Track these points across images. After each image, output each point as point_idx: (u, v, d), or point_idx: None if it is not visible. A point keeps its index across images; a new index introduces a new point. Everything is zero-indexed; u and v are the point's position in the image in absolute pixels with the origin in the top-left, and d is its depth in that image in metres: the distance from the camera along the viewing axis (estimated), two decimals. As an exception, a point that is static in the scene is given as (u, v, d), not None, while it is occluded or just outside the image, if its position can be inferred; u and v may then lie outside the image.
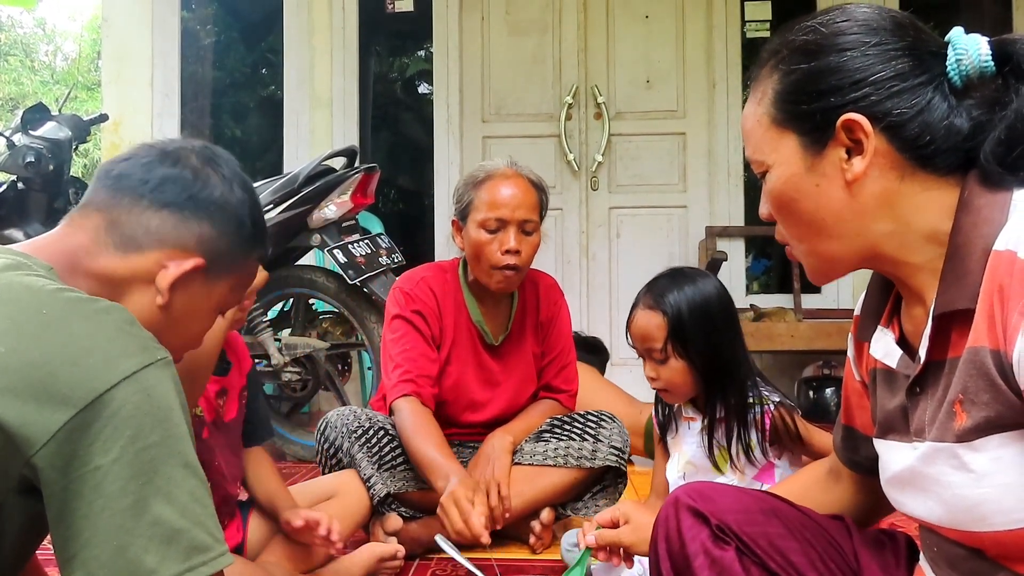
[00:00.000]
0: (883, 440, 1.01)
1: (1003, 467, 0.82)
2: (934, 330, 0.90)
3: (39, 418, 0.78)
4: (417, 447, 1.93)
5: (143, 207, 0.99)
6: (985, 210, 0.86)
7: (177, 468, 0.83)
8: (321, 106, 4.47)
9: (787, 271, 4.31)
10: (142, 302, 1.00)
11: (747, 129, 1.00)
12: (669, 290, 1.64)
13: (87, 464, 0.79)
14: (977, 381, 0.82)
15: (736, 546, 1.05)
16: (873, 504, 1.16)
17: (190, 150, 1.05)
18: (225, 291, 1.07)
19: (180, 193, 1.01)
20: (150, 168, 1.01)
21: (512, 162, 2.14)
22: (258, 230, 1.08)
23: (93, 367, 0.81)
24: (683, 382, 1.65)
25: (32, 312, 0.83)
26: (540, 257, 2.19)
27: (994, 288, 0.81)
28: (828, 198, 0.93)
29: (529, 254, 2.08)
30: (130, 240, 0.99)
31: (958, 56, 0.89)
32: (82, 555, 0.79)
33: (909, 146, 0.89)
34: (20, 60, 16.32)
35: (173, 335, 1.03)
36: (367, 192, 3.01)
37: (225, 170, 1.05)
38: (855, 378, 1.14)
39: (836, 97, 0.91)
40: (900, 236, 0.92)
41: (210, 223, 1.02)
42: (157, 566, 0.80)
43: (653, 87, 4.42)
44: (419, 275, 2.19)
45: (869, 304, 1.07)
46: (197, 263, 1.00)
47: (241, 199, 1.05)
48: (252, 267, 1.11)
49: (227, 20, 6.11)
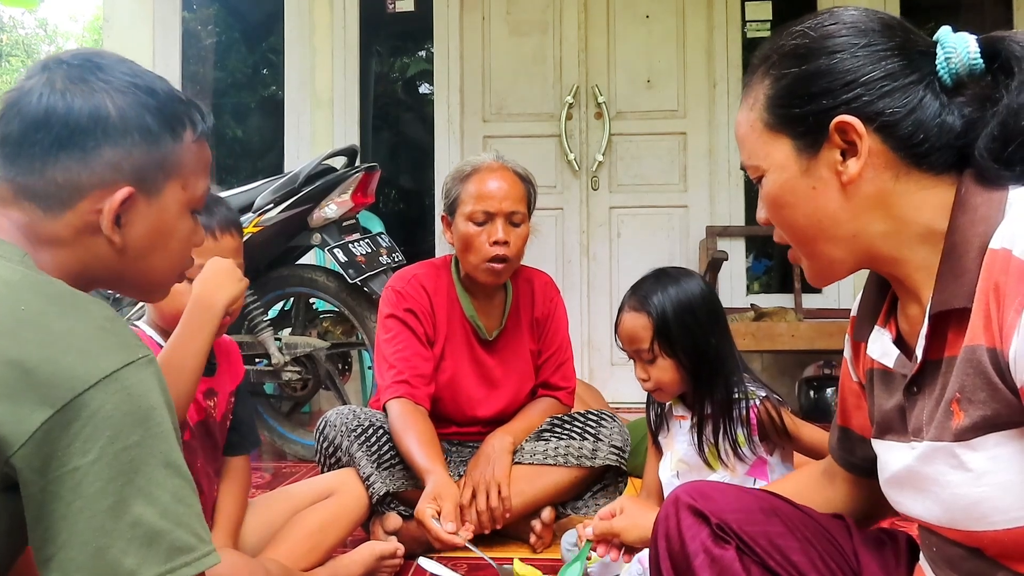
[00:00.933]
0: (881, 440, 1.01)
1: (1001, 466, 0.82)
2: (930, 329, 0.90)
3: (16, 418, 0.76)
4: (405, 448, 1.95)
5: (39, 163, 0.92)
6: (981, 208, 0.86)
7: (158, 468, 0.81)
8: (322, 106, 4.47)
9: (788, 271, 4.31)
10: (100, 252, 0.95)
11: (741, 135, 1.01)
12: (653, 291, 1.67)
13: (65, 465, 0.77)
14: (974, 380, 0.83)
15: (736, 545, 1.05)
16: (869, 506, 1.16)
17: (49, 78, 0.93)
18: (178, 193, 0.99)
19: (60, 132, 0.91)
20: (21, 118, 0.92)
21: (498, 155, 2.16)
22: (167, 117, 0.96)
23: (71, 366, 0.79)
24: (672, 380, 1.68)
25: (9, 308, 0.81)
26: (541, 256, 2.20)
27: (990, 286, 0.81)
28: (824, 200, 0.93)
29: (518, 245, 2.08)
30: (51, 199, 0.92)
31: (947, 55, 0.90)
32: (59, 556, 0.77)
33: (903, 145, 0.90)
34: (22, 61, 16.32)
35: (155, 263, 0.99)
36: (367, 191, 3.01)
37: (94, 78, 0.94)
38: (852, 379, 1.14)
39: (828, 99, 0.91)
40: (896, 236, 0.92)
41: (110, 146, 0.92)
42: (136, 568, 0.78)
43: (654, 87, 4.42)
44: (410, 273, 2.20)
45: (865, 304, 1.07)
46: (124, 193, 0.93)
47: (126, 102, 0.93)
48: (194, 150, 1.00)
49: (228, 20, 6.11)
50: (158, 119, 0.95)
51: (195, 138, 1.00)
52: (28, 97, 0.92)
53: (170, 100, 0.98)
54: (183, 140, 0.98)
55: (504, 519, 1.98)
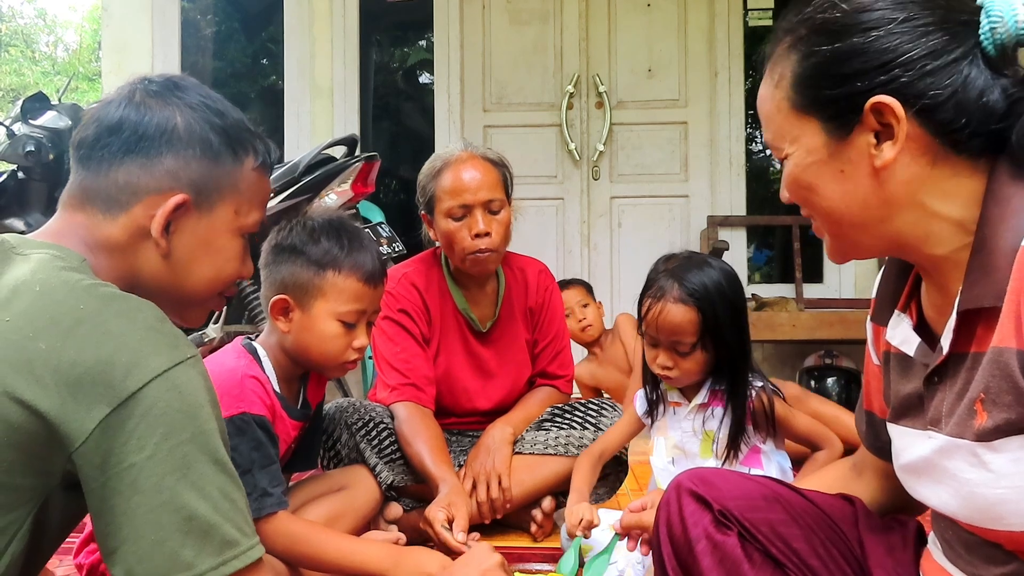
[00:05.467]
0: (896, 425, 0.99)
1: (1022, 469, 0.79)
2: (958, 323, 0.86)
3: (77, 415, 0.81)
4: (415, 453, 1.95)
5: (106, 166, 0.98)
6: (1014, 201, 0.82)
7: (208, 464, 0.85)
8: (322, 96, 4.45)
9: (789, 261, 4.30)
10: (149, 257, 1.00)
11: (765, 113, 0.94)
12: (698, 283, 1.62)
13: (123, 461, 0.81)
14: (1000, 382, 0.79)
15: (738, 531, 1.05)
16: (898, 497, 1.10)
17: (131, 91, 1.01)
18: (230, 215, 1.03)
19: (129, 138, 0.98)
20: (98, 124, 1.00)
21: (467, 144, 2.13)
22: (231, 139, 1.03)
23: (126, 365, 0.83)
24: (699, 371, 1.67)
25: (70, 309, 0.85)
26: (541, 246, 2.19)
27: (1021, 287, 0.78)
28: (853, 185, 0.88)
29: (500, 233, 2.06)
30: (111, 202, 0.98)
31: (992, 24, 0.83)
32: (122, 550, 0.82)
33: (943, 130, 0.84)
34: (21, 51, 16.29)
35: (195, 277, 1.03)
36: (368, 181, 3.00)
37: (171, 95, 1.01)
38: (874, 362, 1.10)
39: (863, 81, 0.84)
40: (926, 224, 0.87)
41: (172, 155, 0.98)
42: (194, 560, 0.83)
43: (655, 76, 4.41)
44: (400, 272, 2.19)
45: (886, 287, 1.03)
46: (178, 200, 0.98)
47: (194, 117, 1.00)
48: (252, 178, 1.05)
49: (227, 10, 6.08)
50: (221, 138, 1.01)
51: (255, 166, 1.05)
52: (108, 108, 1.00)
53: (237, 125, 1.04)
54: (243, 164, 1.04)
55: (504, 509, 1.98)
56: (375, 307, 1.61)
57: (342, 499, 1.86)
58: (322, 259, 1.53)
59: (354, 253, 1.55)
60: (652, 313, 1.65)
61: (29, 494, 0.85)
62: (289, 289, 1.54)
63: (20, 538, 0.86)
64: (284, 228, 1.60)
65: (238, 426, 1.41)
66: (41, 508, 0.87)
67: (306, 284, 1.53)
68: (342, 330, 1.54)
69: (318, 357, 1.56)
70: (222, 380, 1.38)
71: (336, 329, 1.54)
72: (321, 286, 1.53)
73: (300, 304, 1.54)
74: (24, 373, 0.81)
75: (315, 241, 1.55)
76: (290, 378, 1.61)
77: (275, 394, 1.54)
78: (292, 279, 1.54)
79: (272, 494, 1.43)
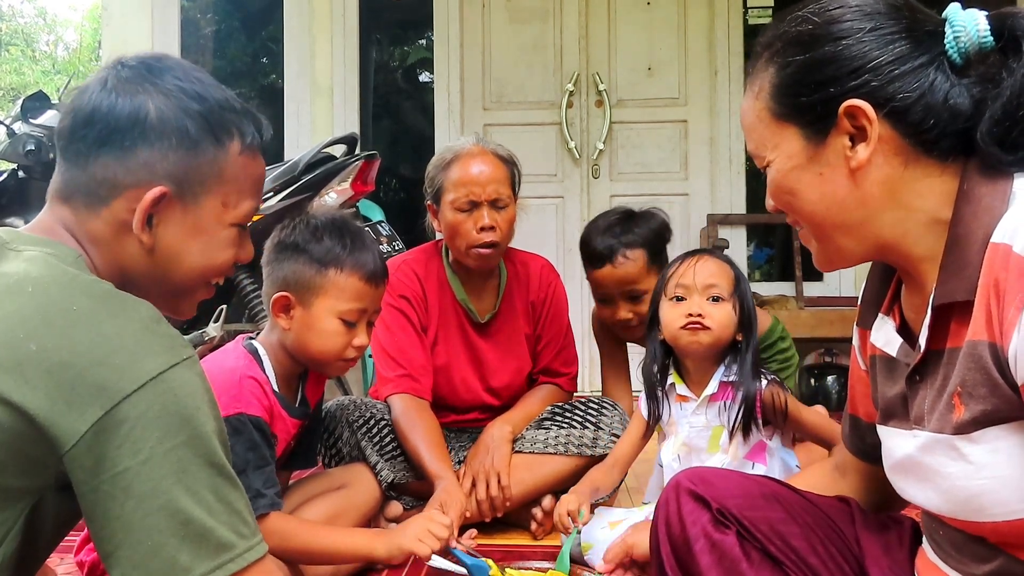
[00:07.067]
0: (885, 426, 1.01)
1: (1001, 459, 0.82)
2: (933, 320, 0.89)
3: (68, 417, 0.79)
4: (412, 447, 1.95)
5: (83, 159, 0.94)
6: (985, 199, 0.85)
7: (204, 467, 0.83)
8: (322, 94, 4.45)
9: (789, 259, 4.30)
10: (133, 252, 0.97)
11: (747, 124, 1.00)
12: (719, 247, 1.72)
13: (117, 465, 0.80)
14: (975, 375, 0.82)
15: (737, 530, 1.06)
16: (880, 497, 1.16)
17: (104, 77, 0.96)
18: (217, 205, 0.99)
19: (102, 130, 0.93)
20: (74, 115, 0.95)
21: (479, 138, 2.15)
22: (211, 125, 0.97)
23: (120, 367, 0.81)
24: (728, 324, 1.71)
25: (63, 309, 0.83)
26: (541, 244, 2.19)
27: (991, 282, 0.81)
28: (832, 187, 0.92)
29: (504, 229, 2.07)
30: (92, 196, 0.95)
31: (956, 33, 0.89)
32: (117, 555, 0.81)
33: (913, 131, 0.89)
34: (21, 50, 16.28)
35: (186, 268, 1.00)
36: (367, 179, 3.01)
37: (144, 81, 0.95)
38: (860, 367, 1.13)
39: (836, 87, 0.90)
40: (903, 224, 0.92)
41: (147, 147, 0.94)
42: (190, 564, 0.81)
43: (655, 74, 4.40)
44: (401, 259, 2.20)
45: (870, 292, 1.07)
46: (156, 194, 0.94)
47: (168, 105, 0.94)
48: (239, 164, 1.00)
49: (227, 9, 6.08)
50: (200, 125, 0.96)
51: (242, 149, 1.00)
52: (83, 95, 0.95)
53: (219, 108, 0.98)
54: (227, 150, 0.98)
55: (504, 507, 1.98)
56: (376, 306, 1.62)
57: (342, 497, 1.86)
58: (324, 257, 1.54)
59: (356, 252, 1.56)
60: (686, 266, 1.73)
61: (20, 495, 0.84)
62: (291, 286, 1.55)
63: (12, 539, 0.84)
64: (287, 226, 1.61)
65: (234, 426, 1.41)
66: (34, 509, 0.85)
67: (308, 282, 1.54)
68: (343, 328, 1.55)
69: (318, 355, 1.57)
70: (220, 380, 1.39)
71: (337, 327, 1.54)
72: (323, 284, 1.54)
73: (302, 301, 1.54)
74: (13, 374, 0.79)
75: (318, 239, 1.56)
76: (290, 376, 1.62)
77: (274, 393, 1.55)
78: (294, 276, 1.55)
79: (265, 495, 1.44)
